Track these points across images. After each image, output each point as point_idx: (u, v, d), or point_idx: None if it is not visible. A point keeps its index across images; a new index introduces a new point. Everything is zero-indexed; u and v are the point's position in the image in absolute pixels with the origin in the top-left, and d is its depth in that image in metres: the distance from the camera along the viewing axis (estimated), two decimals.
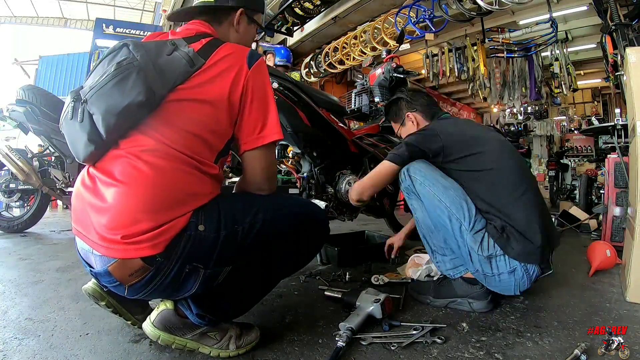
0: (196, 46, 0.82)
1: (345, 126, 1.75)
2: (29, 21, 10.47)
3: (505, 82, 5.82)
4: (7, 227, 2.63)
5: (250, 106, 0.83)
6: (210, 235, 0.76)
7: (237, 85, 0.81)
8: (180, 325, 0.84)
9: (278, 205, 0.89)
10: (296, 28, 5.32)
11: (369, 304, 1.04)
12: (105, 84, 0.71)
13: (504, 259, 1.08)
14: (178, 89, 0.77)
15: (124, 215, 0.71)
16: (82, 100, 0.73)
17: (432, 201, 1.14)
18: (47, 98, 2.54)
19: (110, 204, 0.72)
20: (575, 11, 4.91)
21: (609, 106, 8.15)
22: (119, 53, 0.76)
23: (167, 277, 0.74)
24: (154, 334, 0.83)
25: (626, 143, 2.00)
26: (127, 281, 0.73)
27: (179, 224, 0.73)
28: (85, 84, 0.76)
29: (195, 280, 0.77)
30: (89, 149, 0.74)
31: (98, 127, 0.72)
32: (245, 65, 0.83)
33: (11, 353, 0.87)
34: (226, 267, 0.80)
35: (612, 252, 1.59)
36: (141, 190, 0.72)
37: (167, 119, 0.76)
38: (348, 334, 0.92)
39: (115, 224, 0.71)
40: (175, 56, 0.78)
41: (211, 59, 0.80)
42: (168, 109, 0.76)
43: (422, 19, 4.15)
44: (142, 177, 0.73)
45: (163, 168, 0.74)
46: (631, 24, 2.48)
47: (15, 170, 2.47)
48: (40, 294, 1.32)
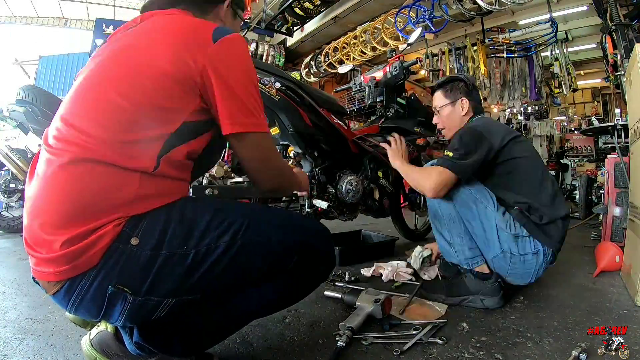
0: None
1: (345, 126, 1.75)
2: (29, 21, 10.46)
3: (505, 82, 5.81)
4: (7, 227, 2.64)
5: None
6: (144, 254, 0.59)
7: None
8: (118, 352, 0.71)
9: (261, 224, 0.69)
10: (296, 28, 5.32)
11: (369, 304, 1.05)
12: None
13: (529, 240, 1.16)
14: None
15: (38, 222, 0.59)
16: None
17: (459, 189, 1.20)
18: (47, 98, 2.55)
19: (29, 209, 0.61)
20: (575, 11, 4.91)
21: (609, 106, 8.14)
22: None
23: (85, 295, 0.59)
24: (89, 355, 0.71)
25: (626, 143, 2.00)
26: (49, 289, 0.60)
27: (101, 238, 0.57)
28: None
29: (123, 307, 0.60)
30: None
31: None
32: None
33: (11, 353, 0.87)
34: (168, 299, 0.62)
35: (621, 259, 1.58)
36: (49, 195, 0.59)
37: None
38: (348, 334, 0.92)
39: (31, 236, 0.60)
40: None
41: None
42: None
43: (422, 19, 4.15)
44: (47, 180, 0.60)
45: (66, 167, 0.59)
46: (631, 24, 2.47)
47: (15, 170, 2.47)
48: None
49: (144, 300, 0.61)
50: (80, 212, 0.58)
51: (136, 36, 0.69)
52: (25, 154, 2.58)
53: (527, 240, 1.16)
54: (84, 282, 0.58)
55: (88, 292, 0.59)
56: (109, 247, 0.58)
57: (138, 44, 0.67)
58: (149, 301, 0.61)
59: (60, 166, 0.59)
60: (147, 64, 0.63)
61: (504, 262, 1.18)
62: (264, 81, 1.34)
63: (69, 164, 0.58)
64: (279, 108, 1.41)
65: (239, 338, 0.95)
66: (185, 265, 0.61)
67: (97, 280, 0.58)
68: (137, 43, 0.67)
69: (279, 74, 1.48)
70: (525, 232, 1.16)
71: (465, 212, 1.21)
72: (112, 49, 0.69)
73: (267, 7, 4.80)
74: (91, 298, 0.59)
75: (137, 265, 0.59)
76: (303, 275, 0.77)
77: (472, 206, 1.19)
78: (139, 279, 0.60)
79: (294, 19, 4.94)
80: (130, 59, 0.65)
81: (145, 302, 0.61)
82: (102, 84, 0.64)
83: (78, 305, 0.60)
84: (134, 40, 0.68)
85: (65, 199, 0.58)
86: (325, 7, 4.82)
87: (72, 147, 0.59)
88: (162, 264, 0.60)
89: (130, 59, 0.65)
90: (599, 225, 2.64)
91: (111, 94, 0.62)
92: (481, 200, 1.18)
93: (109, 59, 0.67)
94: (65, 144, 0.60)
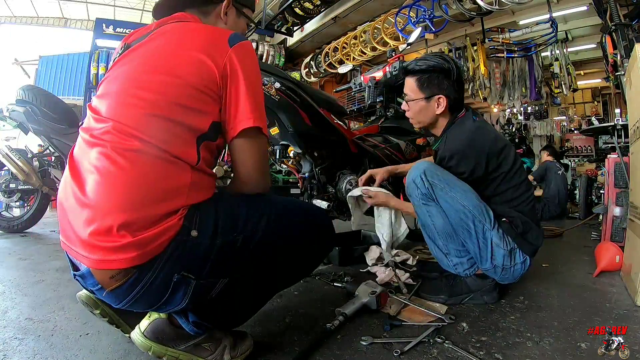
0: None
1: (345, 126, 1.75)
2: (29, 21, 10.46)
3: (505, 82, 5.82)
4: (7, 227, 2.63)
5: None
6: (204, 243, 0.69)
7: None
8: (173, 335, 0.78)
9: (282, 211, 0.82)
10: (296, 28, 5.31)
11: (365, 295, 1.11)
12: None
13: (518, 251, 1.18)
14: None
15: (103, 215, 0.63)
16: None
17: (455, 206, 1.12)
18: (47, 98, 2.54)
19: (90, 198, 0.64)
20: (575, 11, 4.91)
21: (609, 106, 8.14)
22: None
23: (151, 285, 0.66)
24: (144, 345, 0.76)
25: (626, 143, 2.00)
26: (108, 285, 0.65)
27: (168, 230, 0.64)
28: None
29: (186, 292, 0.69)
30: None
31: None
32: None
33: (11, 353, 0.87)
34: (222, 279, 0.73)
35: (621, 259, 1.59)
36: (118, 186, 0.64)
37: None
38: (340, 319, 0.99)
39: (93, 226, 0.63)
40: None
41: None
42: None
43: (422, 19, 4.14)
44: (115, 171, 0.65)
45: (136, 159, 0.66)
46: (631, 24, 2.48)
47: (15, 170, 2.47)
48: (40, 294, 1.32)
49: (204, 283, 0.70)
50: (147, 198, 0.64)
51: (161, 46, 0.77)
52: (25, 154, 2.58)
53: (518, 251, 1.18)
54: (151, 274, 0.65)
55: (155, 282, 0.66)
56: (174, 238, 0.65)
57: (164, 53, 0.75)
58: (208, 283, 0.71)
59: (123, 157, 0.65)
60: (176, 74, 0.71)
61: (494, 273, 1.20)
62: (264, 81, 1.34)
63: (129, 154, 0.65)
64: (278, 108, 1.41)
65: None
66: (235, 248, 0.72)
67: (164, 271, 0.66)
68: (163, 52, 0.75)
69: (278, 74, 1.49)
70: (515, 244, 1.17)
71: (462, 232, 1.16)
72: (147, 53, 0.77)
73: (267, 7, 4.79)
74: (156, 288, 0.66)
75: (198, 253, 0.68)
76: (315, 246, 0.90)
77: (471, 226, 1.14)
78: (200, 265, 0.69)
79: (294, 19, 4.94)
80: (163, 65, 0.73)
81: (205, 284, 0.71)
82: (144, 86, 0.71)
83: (140, 297, 0.67)
84: (161, 49, 0.76)
85: (132, 186, 0.64)
86: (325, 7, 4.82)
87: (129, 139, 0.66)
88: (218, 250, 0.70)
89: (163, 65, 0.73)
90: (599, 225, 2.64)
91: (154, 96, 0.70)
92: (479, 219, 1.13)
93: (141, 66, 0.75)
94: (120, 138, 0.66)
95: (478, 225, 1.13)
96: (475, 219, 1.13)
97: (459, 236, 1.17)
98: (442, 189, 1.13)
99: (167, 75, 0.71)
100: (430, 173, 1.14)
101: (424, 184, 1.13)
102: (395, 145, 1.95)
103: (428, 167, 1.15)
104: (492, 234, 1.14)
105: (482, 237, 1.15)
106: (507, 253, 1.16)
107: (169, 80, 0.71)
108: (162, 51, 0.76)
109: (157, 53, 0.76)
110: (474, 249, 1.17)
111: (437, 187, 1.13)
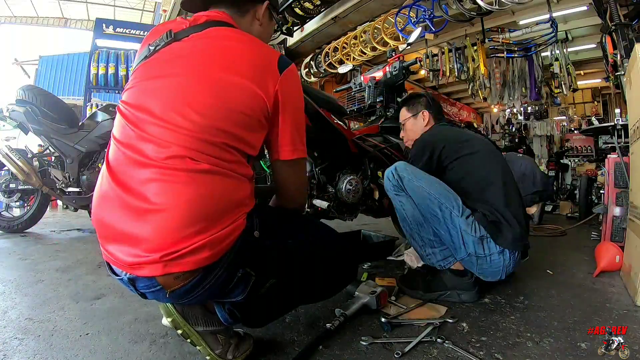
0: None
1: (345, 126, 1.75)
2: (29, 21, 10.47)
3: (505, 82, 5.81)
4: (7, 227, 2.63)
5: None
6: (265, 244, 0.75)
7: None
8: (198, 315, 0.79)
9: (321, 232, 0.89)
10: (296, 28, 5.31)
11: (365, 295, 1.12)
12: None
13: (492, 241, 1.18)
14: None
15: (167, 239, 0.64)
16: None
17: (421, 194, 1.22)
18: (47, 98, 2.55)
19: (149, 232, 0.65)
20: (575, 11, 4.91)
21: (609, 106, 8.15)
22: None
23: (217, 281, 0.69)
24: (168, 312, 0.77)
25: (626, 143, 2.00)
26: (171, 285, 0.66)
27: (236, 229, 0.69)
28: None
29: (245, 286, 0.72)
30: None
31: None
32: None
33: (11, 353, 0.87)
34: (271, 279, 0.76)
35: (621, 259, 1.59)
36: (182, 210, 0.65)
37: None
38: (340, 319, 1.00)
39: (158, 247, 0.64)
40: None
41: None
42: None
43: (422, 19, 4.14)
44: (180, 195, 0.66)
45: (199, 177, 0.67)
46: (631, 24, 2.48)
47: (15, 170, 2.47)
48: (40, 294, 1.32)
49: (259, 280, 0.74)
50: (217, 210, 0.68)
51: (210, 61, 0.74)
52: (25, 154, 2.58)
53: (491, 240, 1.18)
54: (217, 271, 0.68)
55: (220, 278, 0.69)
56: (239, 237, 0.70)
57: (214, 72, 0.73)
58: (262, 280, 0.74)
59: (192, 177, 0.66)
60: (227, 100, 0.71)
61: (471, 264, 1.21)
62: None
63: (198, 175, 0.67)
64: None
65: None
66: (287, 253, 0.78)
67: (231, 267, 0.69)
68: (212, 70, 0.73)
69: None
70: (487, 234, 1.18)
71: (431, 218, 1.22)
72: (188, 69, 0.73)
73: None
74: (221, 283, 0.70)
75: (259, 252, 0.74)
76: (340, 273, 0.93)
77: (438, 212, 1.20)
78: (260, 263, 0.74)
79: (294, 19, 4.94)
80: (210, 89, 0.71)
81: (260, 281, 0.74)
82: (193, 108, 0.70)
83: (203, 293, 0.70)
84: (209, 64, 0.74)
85: (203, 201, 0.66)
86: (325, 7, 4.82)
87: (188, 162, 0.67)
88: (275, 252, 0.76)
89: (210, 89, 0.71)
90: (599, 225, 2.64)
91: (200, 119, 0.69)
92: (446, 205, 1.19)
93: (189, 81, 0.72)
94: (177, 161, 0.66)
95: (445, 211, 1.19)
96: (442, 204, 1.20)
97: (430, 223, 1.24)
98: (409, 180, 1.24)
99: (217, 99, 0.71)
100: (400, 168, 1.27)
101: (394, 177, 1.27)
102: (395, 145, 1.95)
103: (399, 164, 1.29)
104: (460, 221, 1.18)
105: (451, 223, 1.19)
106: (477, 240, 1.17)
107: (218, 104, 0.70)
108: (211, 68, 0.73)
109: (205, 69, 0.73)
110: (447, 236, 1.21)
111: (405, 179, 1.25)
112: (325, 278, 0.89)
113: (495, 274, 1.21)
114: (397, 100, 2.07)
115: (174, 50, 0.76)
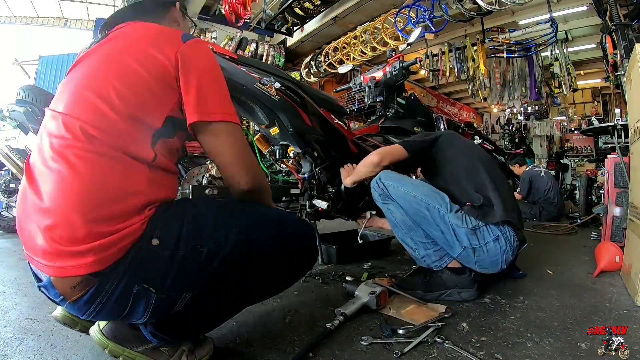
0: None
1: (345, 126, 1.75)
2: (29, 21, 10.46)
3: (505, 82, 5.82)
4: (7, 227, 2.64)
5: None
6: (165, 254, 0.64)
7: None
8: (131, 337, 0.76)
9: (254, 223, 0.76)
10: (296, 28, 5.31)
11: (365, 295, 1.13)
12: None
13: (486, 229, 1.19)
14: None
15: (61, 217, 0.60)
16: None
17: (407, 198, 1.24)
18: (47, 98, 2.54)
19: (47, 203, 0.61)
20: (575, 11, 4.90)
21: (609, 106, 8.14)
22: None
23: (112, 296, 0.63)
24: (101, 343, 0.74)
25: (626, 143, 2.00)
26: (69, 296, 0.63)
27: (128, 236, 0.61)
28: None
29: (147, 305, 0.65)
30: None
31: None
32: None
33: (11, 353, 0.87)
34: (185, 294, 0.68)
35: (621, 259, 1.59)
36: (75, 188, 0.61)
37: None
38: (341, 319, 1.00)
39: (52, 231, 0.60)
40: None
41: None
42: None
43: (422, 19, 4.14)
44: (70, 173, 0.62)
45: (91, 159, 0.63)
46: (631, 24, 2.48)
47: (15, 170, 2.47)
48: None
49: (165, 297, 0.66)
50: (107, 197, 0.62)
51: (117, 42, 0.76)
52: (25, 154, 2.58)
53: (485, 229, 1.19)
54: (111, 284, 0.62)
55: (115, 292, 0.63)
56: (134, 244, 0.62)
57: (116, 50, 0.74)
58: (170, 297, 0.67)
59: (77, 157, 0.62)
60: (129, 65, 0.69)
61: (469, 258, 1.21)
62: (264, 81, 1.34)
63: (85, 154, 0.62)
64: (278, 108, 1.41)
65: (239, 338, 0.95)
66: (198, 262, 0.67)
67: (124, 281, 0.62)
68: (115, 49, 0.74)
69: (278, 73, 1.48)
70: (481, 222, 1.19)
71: (420, 220, 1.24)
72: (100, 53, 0.75)
73: (267, 7, 4.79)
74: (116, 299, 0.63)
75: (159, 264, 0.64)
76: (291, 266, 0.85)
77: (426, 213, 1.21)
78: (161, 277, 0.65)
79: (294, 19, 4.93)
80: (114, 62, 0.71)
81: (167, 298, 0.66)
82: (98, 83, 0.69)
83: (101, 308, 0.64)
84: (113, 48, 0.75)
85: (89, 186, 0.61)
86: (325, 7, 4.81)
87: (84, 140, 0.63)
88: (180, 263, 0.65)
89: (114, 62, 0.71)
90: (599, 225, 2.64)
91: (107, 91, 0.67)
92: (433, 205, 1.20)
93: (98, 62, 0.73)
94: (76, 138, 0.63)
95: (433, 211, 1.20)
96: (429, 205, 1.21)
97: (421, 226, 1.25)
98: (394, 187, 1.26)
99: (117, 74, 0.69)
100: (384, 177, 1.30)
101: (379, 186, 1.29)
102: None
103: (382, 173, 1.31)
104: (450, 216, 1.19)
105: (441, 221, 1.20)
106: (470, 231, 1.17)
107: (119, 75, 0.69)
108: (114, 49, 0.74)
109: (109, 52, 0.74)
110: (439, 235, 1.22)
111: (390, 187, 1.27)
112: (267, 274, 0.80)
113: (495, 264, 1.21)
114: (397, 100, 2.07)
115: (85, 55, 0.77)
